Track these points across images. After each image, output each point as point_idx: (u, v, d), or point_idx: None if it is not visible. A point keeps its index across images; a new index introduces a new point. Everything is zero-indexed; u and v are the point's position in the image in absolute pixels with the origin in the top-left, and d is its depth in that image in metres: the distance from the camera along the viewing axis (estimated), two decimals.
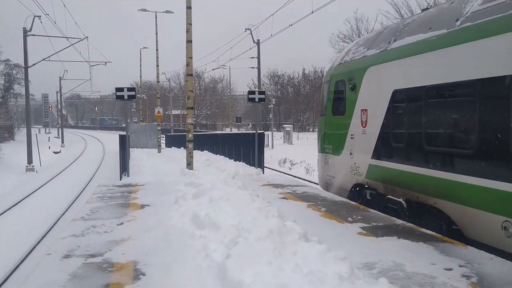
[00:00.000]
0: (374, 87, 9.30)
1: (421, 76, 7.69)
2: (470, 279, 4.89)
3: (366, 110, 9.47)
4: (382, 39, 9.47)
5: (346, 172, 10.36)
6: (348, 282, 4.25)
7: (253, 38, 33.09)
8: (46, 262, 5.62)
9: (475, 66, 6.49)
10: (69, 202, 15.87)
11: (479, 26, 6.47)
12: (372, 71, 9.28)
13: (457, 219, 6.92)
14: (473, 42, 6.53)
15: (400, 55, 8.35)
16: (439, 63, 7.30)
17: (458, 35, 6.90)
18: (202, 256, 5.59)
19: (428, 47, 7.55)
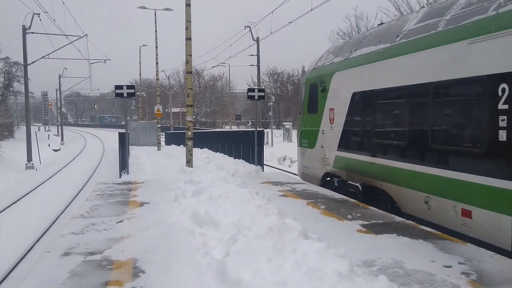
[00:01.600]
0: (339, 90, 10.85)
1: (372, 81, 9.34)
2: (469, 277, 4.89)
3: (333, 109, 10.99)
4: (346, 48, 11.05)
5: (318, 163, 11.88)
6: (348, 279, 4.25)
7: (253, 35, 33.04)
8: (46, 259, 5.62)
9: (406, 74, 8.08)
10: (68, 200, 15.87)
11: (410, 42, 8.14)
12: (338, 75, 10.86)
13: (395, 197, 8.54)
14: (406, 55, 8.18)
15: (357, 63, 9.96)
16: (384, 71, 8.90)
17: (396, 48, 8.52)
18: (202, 254, 5.59)
19: (377, 58, 9.15)
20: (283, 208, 7.16)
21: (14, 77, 48.76)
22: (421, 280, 4.78)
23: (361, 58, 9.84)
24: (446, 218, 7.10)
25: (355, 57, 10.16)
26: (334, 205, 8.86)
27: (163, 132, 36.61)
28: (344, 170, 10.56)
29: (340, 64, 10.84)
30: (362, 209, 8.40)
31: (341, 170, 10.68)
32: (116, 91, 14.30)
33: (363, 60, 9.75)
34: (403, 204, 8.28)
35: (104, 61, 37.40)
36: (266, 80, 69.64)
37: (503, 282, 4.74)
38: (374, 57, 9.29)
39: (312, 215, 7.95)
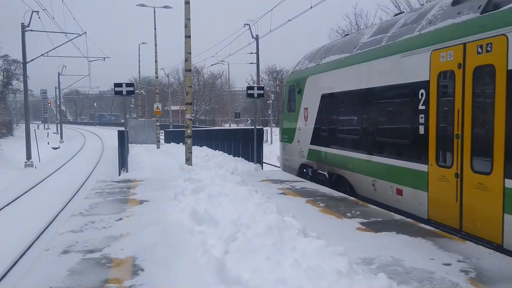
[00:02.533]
0: (311, 91, 12.31)
1: (335, 85, 10.95)
2: (468, 274, 4.90)
3: (307, 108, 12.55)
4: (318, 55, 12.52)
5: (295, 155, 13.51)
6: (347, 277, 4.25)
7: (252, 33, 32.96)
8: (45, 257, 5.62)
9: (359, 80, 9.80)
10: (67, 198, 15.86)
11: (362, 53, 9.77)
12: (310, 79, 12.41)
13: (352, 182, 10.24)
14: (359, 64, 9.81)
15: (325, 69, 11.54)
16: (343, 76, 10.54)
17: (353, 58, 10.16)
18: (201, 252, 5.59)
19: (339, 65, 10.76)
20: (282, 206, 7.17)
21: (13, 75, 48.64)
22: (420, 278, 4.78)
23: (328, 65, 11.44)
24: (386, 197, 8.75)
25: (324, 64, 11.75)
26: (333, 203, 8.86)
27: (162, 130, 36.58)
28: (315, 161, 12.23)
29: (312, 69, 12.41)
30: (361, 207, 8.41)
31: (313, 161, 12.34)
32: (115, 89, 14.26)
33: (329, 67, 11.35)
34: (357, 188, 10.00)
35: (103, 59, 37.28)
36: (265, 78, 69.52)
37: (502, 280, 4.75)
38: (337, 65, 10.92)
39: (311, 213, 7.96)
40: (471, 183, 6.53)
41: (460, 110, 6.74)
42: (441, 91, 7.28)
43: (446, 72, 7.17)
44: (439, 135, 7.25)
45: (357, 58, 9.97)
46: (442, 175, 7.12)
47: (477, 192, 6.42)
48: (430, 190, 7.43)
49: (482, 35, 6.39)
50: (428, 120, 7.44)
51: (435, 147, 7.32)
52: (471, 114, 6.56)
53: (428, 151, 7.44)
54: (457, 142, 6.78)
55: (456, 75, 6.87)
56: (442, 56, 7.21)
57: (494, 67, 6.18)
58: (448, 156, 7.02)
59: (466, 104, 6.65)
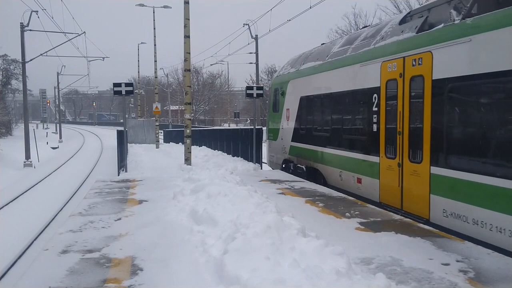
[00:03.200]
0: (292, 94, 13.65)
1: (311, 89, 12.30)
2: (467, 274, 4.91)
3: (289, 109, 13.87)
4: (298, 61, 13.84)
5: (279, 152, 14.77)
6: (346, 277, 4.26)
7: (251, 33, 32.92)
8: (44, 257, 5.62)
9: (329, 85, 11.20)
10: (67, 198, 15.85)
11: (332, 61, 11.16)
12: (292, 83, 13.76)
13: (324, 174, 11.65)
14: (329, 71, 11.20)
15: (303, 74, 12.89)
16: (317, 81, 11.90)
17: (324, 65, 11.49)
18: (200, 252, 5.60)
19: (314, 71, 12.10)
20: (282, 206, 7.17)
21: (12, 75, 48.59)
22: (419, 278, 4.79)
23: (305, 71, 12.81)
24: (349, 185, 10.25)
25: (302, 69, 13.11)
26: (332, 203, 8.87)
27: (161, 130, 36.57)
28: (295, 156, 13.59)
29: (293, 74, 13.80)
30: (360, 207, 8.41)
31: (294, 157, 13.70)
32: (114, 88, 14.26)
33: (306, 72, 12.73)
34: (328, 178, 11.45)
35: (102, 58, 37.23)
36: (264, 78, 69.48)
37: (500, 280, 4.76)
38: (312, 71, 12.26)
39: (310, 213, 7.96)
40: (408, 171, 8.00)
41: (401, 112, 8.25)
42: (388, 96, 8.75)
43: (391, 80, 8.59)
44: (387, 132, 8.76)
45: (327, 65, 11.41)
46: (389, 165, 8.61)
47: (412, 178, 7.90)
48: (381, 178, 8.91)
49: (416, 51, 7.86)
50: (379, 119, 9.01)
51: (384, 142, 8.83)
52: (408, 115, 8.08)
53: (379, 146, 8.96)
54: (399, 138, 8.30)
55: (398, 83, 8.36)
56: (389, 67, 8.67)
57: (423, 77, 7.61)
58: (393, 149, 8.50)
59: (405, 107, 8.16)
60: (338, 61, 10.79)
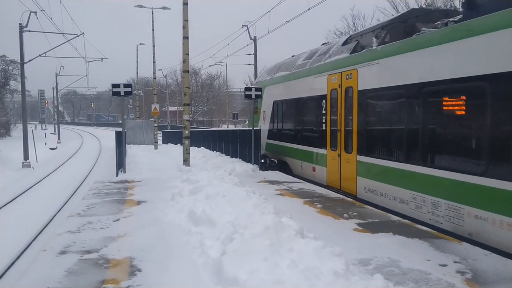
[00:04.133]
0: (267, 98, 16.00)
1: (281, 94, 14.69)
2: (464, 275, 4.92)
3: (265, 111, 16.41)
4: (273, 70, 16.51)
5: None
6: (344, 278, 4.27)
7: (250, 34, 32.94)
8: (42, 258, 5.62)
9: (294, 92, 13.49)
10: (65, 199, 15.84)
11: (296, 72, 13.57)
12: (267, 89, 16.10)
13: (290, 165, 13.97)
14: (294, 80, 13.53)
15: (275, 82, 15.42)
16: (285, 88, 14.26)
17: (291, 75, 13.89)
18: (198, 253, 5.60)
19: (282, 80, 14.67)
20: (280, 207, 7.18)
21: (11, 75, 48.51)
22: (417, 279, 4.80)
23: (277, 79, 15.29)
24: (307, 173, 12.52)
25: (275, 77, 15.62)
26: (330, 204, 8.88)
27: (160, 131, 36.57)
28: (270, 152, 15.97)
29: (268, 81, 16.29)
30: (358, 208, 8.43)
31: (269, 152, 16.07)
32: (113, 89, 14.25)
33: (277, 80, 15.22)
34: (293, 169, 13.76)
35: (101, 59, 37.21)
36: None
37: (498, 281, 4.78)
38: (282, 79, 14.75)
39: (308, 214, 7.97)
40: (344, 159, 10.39)
41: (340, 114, 10.64)
42: (331, 102, 11.09)
43: (333, 89, 10.96)
44: (331, 130, 11.11)
45: (293, 75, 13.77)
46: (333, 156, 10.90)
47: (347, 165, 10.29)
48: (328, 166, 11.23)
49: (348, 68, 10.25)
50: (326, 120, 11.32)
51: (330, 138, 11.13)
52: (344, 117, 10.49)
53: (327, 141, 11.27)
54: (339, 135, 10.67)
55: (338, 92, 10.74)
56: (332, 79, 11.01)
57: (352, 88, 9.99)
58: (335, 143, 10.85)
59: (342, 111, 10.53)
60: (300, 72, 13.20)
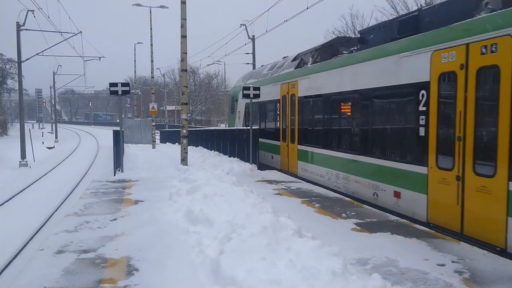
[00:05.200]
0: (241, 101, 18.58)
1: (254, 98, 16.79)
2: (462, 275, 4.92)
3: (240, 111, 19.21)
4: (247, 77, 20.06)
5: None
6: (341, 277, 4.26)
7: (248, 33, 32.89)
8: (39, 257, 5.60)
9: (264, 96, 15.55)
10: (62, 198, 15.80)
11: (261, 80, 16.90)
12: (241, 93, 17.26)
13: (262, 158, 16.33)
14: (269, 84, 15.72)
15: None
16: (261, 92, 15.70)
17: (258, 82, 16.97)
18: (196, 252, 5.59)
19: (261, 83, 16.60)
20: (278, 207, 7.17)
21: (8, 74, 48.43)
22: (415, 279, 4.80)
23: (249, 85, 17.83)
24: (269, 161, 15.84)
25: (249, 83, 18.25)
26: (328, 203, 8.88)
27: (158, 130, 36.50)
28: None
29: (242, 86, 17.96)
30: (356, 208, 8.43)
31: None
32: (110, 88, 14.21)
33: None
34: (265, 161, 16.23)
35: (98, 58, 37.05)
36: None
37: (495, 281, 4.78)
38: (255, 84, 17.00)
39: (306, 214, 7.97)
40: (290, 148, 13.75)
41: (287, 115, 13.91)
42: (282, 105, 14.48)
43: (284, 95, 14.40)
44: (283, 126, 14.32)
45: (258, 83, 16.97)
46: (283, 146, 13.82)
47: (292, 152, 13.68)
48: (280, 154, 14.30)
49: (292, 79, 13.65)
50: (281, 119, 14.58)
51: (281, 133, 14.51)
52: (290, 117, 13.76)
53: (280, 135, 14.73)
54: (287, 130, 14.06)
55: (286, 97, 14.11)
56: (283, 87, 14.44)
57: (295, 94, 13.33)
58: (285, 136, 14.19)
59: (289, 112, 13.78)
60: (263, 80, 16.72)
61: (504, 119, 5.96)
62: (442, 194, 6.98)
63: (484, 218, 6.23)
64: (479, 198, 6.29)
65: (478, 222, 6.33)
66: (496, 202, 6.02)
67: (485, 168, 6.23)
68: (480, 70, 6.35)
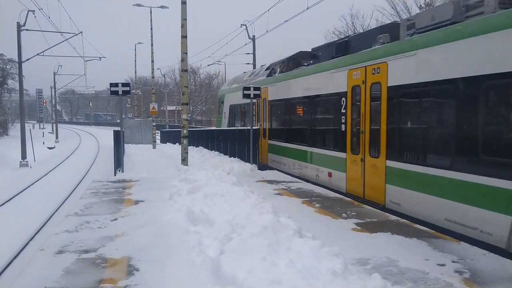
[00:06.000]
0: (226, 103, 21.55)
1: (233, 100, 19.83)
2: (462, 275, 4.92)
3: (225, 112, 21.79)
4: (231, 82, 22.76)
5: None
6: (342, 277, 4.26)
7: (249, 34, 32.90)
8: (40, 257, 5.60)
9: (238, 99, 17.48)
10: (63, 198, 15.81)
11: (239, 86, 18.43)
12: (226, 96, 21.82)
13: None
14: (239, 91, 16.29)
15: (230, 91, 20.95)
16: (235, 96, 18.96)
17: (239, 87, 17.94)
18: (196, 252, 5.59)
19: (235, 90, 19.48)
20: (278, 207, 7.17)
21: (9, 75, 48.37)
22: (415, 278, 4.80)
23: (231, 89, 21.02)
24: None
25: (230, 88, 21.50)
26: (329, 203, 8.88)
27: (158, 130, 36.53)
28: None
29: (227, 90, 22.32)
30: (356, 208, 8.43)
31: None
32: (111, 89, 14.22)
33: (231, 90, 20.80)
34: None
35: (99, 58, 37.08)
36: None
37: (496, 281, 4.78)
38: (234, 89, 20.07)
39: (307, 214, 7.97)
40: (264, 143, 15.84)
41: (262, 115, 16.37)
42: (257, 107, 16.90)
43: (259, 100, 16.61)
44: (259, 126, 16.69)
45: (238, 88, 18.39)
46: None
47: (264, 146, 15.91)
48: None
49: (264, 86, 15.89)
50: (257, 119, 16.91)
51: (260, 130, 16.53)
52: (263, 117, 16.18)
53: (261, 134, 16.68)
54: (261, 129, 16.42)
55: (260, 101, 16.58)
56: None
57: (266, 99, 15.75)
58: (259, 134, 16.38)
59: (262, 113, 16.33)
60: (243, 85, 17.92)
61: (383, 119, 8.67)
62: (354, 171, 9.94)
63: (374, 186, 9.06)
64: (372, 172, 9.16)
65: (372, 188, 9.19)
66: (380, 175, 8.86)
67: (374, 152, 9.06)
68: (372, 85, 9.20)
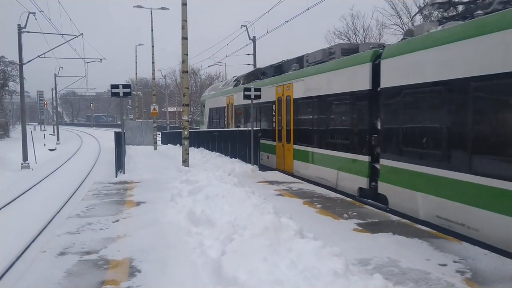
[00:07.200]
0: (207, 107, 26.27)
1: (211, 104, 25.42)
2: (464, 275, 4.93)
3: (206, 114, 26.45)
4: (211, 89, 28.51)
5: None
6: (343, 278, 4.27)
7: (249, 34, 32.92)
8: (41, 259, 5.61)
9: (216, 104, 24.16)
10: (64, 200, 15.83)
11: (219, 92, 24.41)
12: (207, 100, 26.63)
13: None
14: (217, 96, 24.30)
15: (210, 97, 26.31)
16: (213, 101, 24.88)
17: (217, 93, 24.83)
18: (198, 253, 5.60)
19: (213, 95, 25.41)
20: (279, 207, 7.18)
21: (10, 77, 48.34)
22: (416, 279, 4.81)
23: (210, 95, 25.77)
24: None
25: (210, 94, 26.20)
26: (330, 204, 8.88)
27: (159, 131, 36.57)
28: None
29: (207, 95, 26.66)
30: (358, 208, 8.43)
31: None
32: (112, 90, 14.25)
33: (211, 96, 25.61)
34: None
35: (100, 60, 37.11)
36: None
37: (497, 280, 4.78)
38: (212, 95, 25.19)
39: (308, 214, 7.97)
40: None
41: (230, 118, 21.13)
42: (226, 111, 21.42)
43: (228, 104, 21.14)
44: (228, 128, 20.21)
45: (215, 94, 23.82)
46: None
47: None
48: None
49: (230, 94, 21.03)
50: (227, 120, 21.53)
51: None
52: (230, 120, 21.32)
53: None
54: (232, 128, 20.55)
55: (229, 106, 21.07)
56: (227, 98, 21.36)
57: (232, 104, 20.55)
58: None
59: (233, 115, 20.56)
60: (217, 93, 23.45)
61: (291, 119, 13.80)
62: (279, 154, 15.07)
63: (288, 162, 14.14)
64: (287, 153, 14.21)
65: (287, 164, 14.29)
66: (290, 154, 13.98)
67: (287, 140, 14.24)
68: (286, 97, 14.12)
